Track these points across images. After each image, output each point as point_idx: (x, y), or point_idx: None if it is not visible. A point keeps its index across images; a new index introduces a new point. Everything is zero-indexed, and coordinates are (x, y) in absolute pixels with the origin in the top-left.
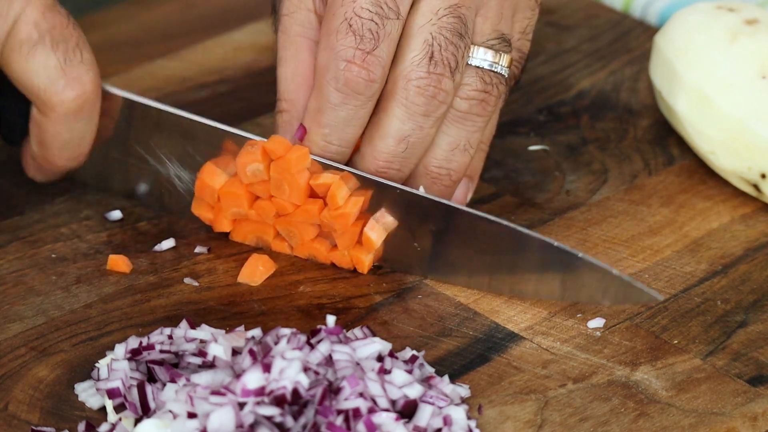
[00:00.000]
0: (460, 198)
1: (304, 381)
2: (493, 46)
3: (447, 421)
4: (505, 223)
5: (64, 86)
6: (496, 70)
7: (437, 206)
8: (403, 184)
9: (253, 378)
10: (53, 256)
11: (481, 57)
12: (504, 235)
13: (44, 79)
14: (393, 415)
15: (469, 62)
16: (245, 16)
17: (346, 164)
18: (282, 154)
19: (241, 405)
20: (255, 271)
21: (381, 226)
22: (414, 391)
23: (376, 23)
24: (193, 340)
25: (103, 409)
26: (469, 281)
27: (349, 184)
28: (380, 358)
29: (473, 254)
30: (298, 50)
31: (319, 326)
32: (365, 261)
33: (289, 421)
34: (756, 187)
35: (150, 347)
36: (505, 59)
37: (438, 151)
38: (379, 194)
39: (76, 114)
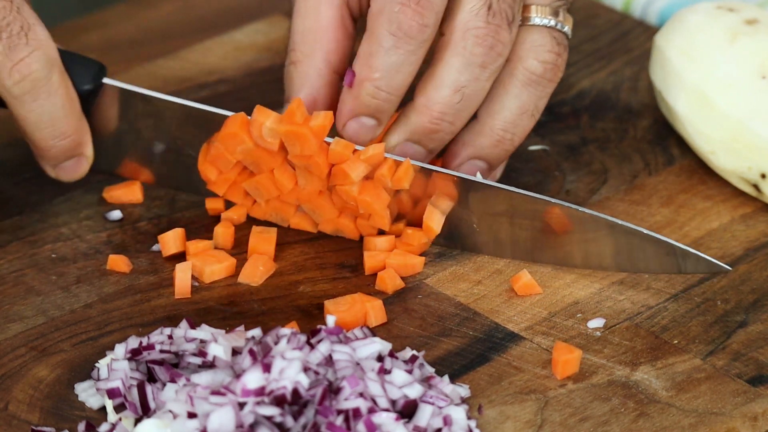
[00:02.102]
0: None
1: (304, 381)
2: (558, 7)
3: (447, 421)
4: (557, 201)
5: (9, 72)
6: (563, 30)
7: (496, 190)
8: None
9: (253, 378)
10: (53, 256)
11: (550, 16)
12: (560, 214)
13: None
14: (393, 415)
15: (539, 23)
16: (245, 16)
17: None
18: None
19: (241, 405)
20: (255, 271)
21: (439, 211)
22: (414, 391)
23: None
24: (193, 340)
25: (103, 409)
26: (518, 255)
27: (401, 173)
28: (380, 358)
29: (526, 232)
30: (319, 2)
31: (319, 326)
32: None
33: (289, 421)
34: (756, 187)
35: (150, 347)
36: (568, 19)
37: (507, 113)
38: (434, 178)
39: (30, 94)
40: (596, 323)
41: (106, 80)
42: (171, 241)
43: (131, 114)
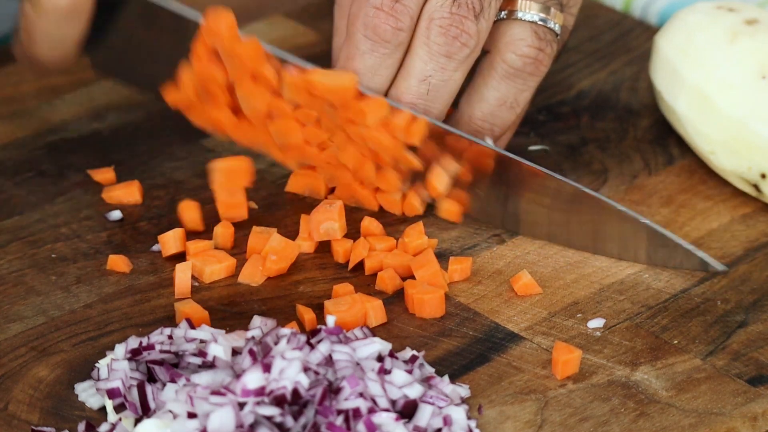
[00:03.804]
0: None
1: (304, 381)
2: (550, 4)
3: (447, 421)
4: (591, 192)
5: None
6: (549, 26)
7: (531, 171)
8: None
9: (253, 378)
10: (53, 256)
11: (535, 12)
12: (598, 205)
13: None
14: (393, 415)
15: (522, 17)
16: (245, 16)
17: None
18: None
19: (241, 405)
20: (255, 271)
21: (445, 172)
22: (414, 391)
23: None
24: (193, 340)
25: (103, 409)
26: (554, 238)
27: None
28: (380, 358)
29: (562, 217)
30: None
31: (319, 326)
32: (418, 206)
33: (289, 421)
34: (756, 187)
35: (150, 347)
36: (558, 17)
37: (485, 104)
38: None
39: (66, 14)
40: (596, 323)
41: None
42: (171, 241)
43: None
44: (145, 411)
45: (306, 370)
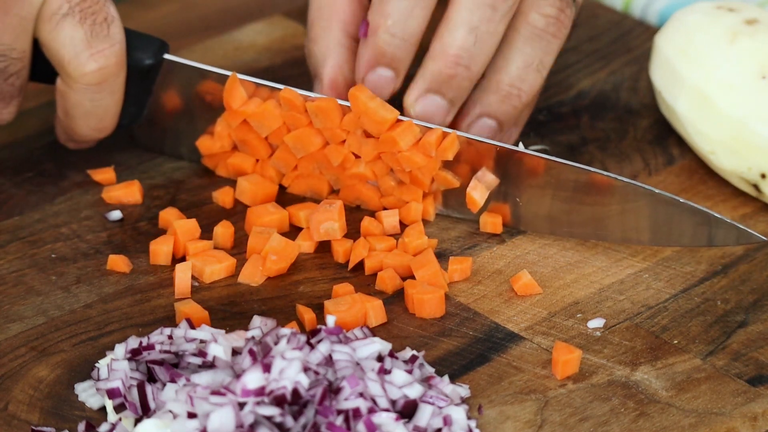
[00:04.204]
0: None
1: (304, 381)
2: None
3: (447, 421)
4: (598, 171)
5: (87, 59)
6: None
7: (539, 161)
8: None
9: (253, 378)
10: (53, 256)
11: None
12: (600, 184)
13: (69, 51)
14: (393, 415)
15: None
16: (245, 16)
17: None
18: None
19: (241, 405)
20: (255, 271)
21: (483, 185)
22: (414, 391)
23: None
24: (193, 340)
25: (103, 409)
26: (557, 231)
27: (447, 144)
28: (380, 358)
29: (566, 205)
30: None
31: (319, 326)
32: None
33: (289, 421)
34: (756, 187)
35: (150, 347)
36: None
37: (512, 67)
38: (480, 152)
39: (97, 86)
40: (596, 323)
41: (167, 56)
42: (162, 253)
43: (191, 90)
44: (145, 411)
45: (306, 370)
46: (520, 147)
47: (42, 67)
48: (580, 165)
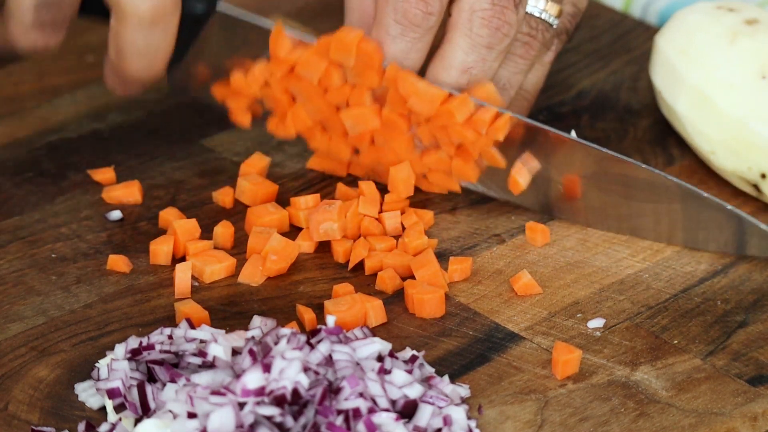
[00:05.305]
0: None
1: (304, 381)
2: None
3: (447, 421)
4: (647, 167)
5: None
6: (542, 18)
7: (586, 151)
8: None
9: (253, 378)
10: (53, 256)
11: (532, 4)
12: (646, 180)
13: None
14: (393, 415)
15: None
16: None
17: None
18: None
19: (241, 405)
20: (255, 271)
21: (527, 169)
22: (414, 391)
23: None
24: (193, 340)
25: (103, 409)
26: (591, 222)
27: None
28: (380, 358)
29: (608, 197)
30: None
31: (319, 326)
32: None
33: (289, 421)
34: (756, 187)
35: (150, 347)
36: (554, 8)
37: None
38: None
39: (151, 23)
40: (596, 323)
41: (219, 5)
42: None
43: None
44: (145, 411)
45: (306, 370)
46: (572, 135)
47: (92, 2)
48: (629, 159)
